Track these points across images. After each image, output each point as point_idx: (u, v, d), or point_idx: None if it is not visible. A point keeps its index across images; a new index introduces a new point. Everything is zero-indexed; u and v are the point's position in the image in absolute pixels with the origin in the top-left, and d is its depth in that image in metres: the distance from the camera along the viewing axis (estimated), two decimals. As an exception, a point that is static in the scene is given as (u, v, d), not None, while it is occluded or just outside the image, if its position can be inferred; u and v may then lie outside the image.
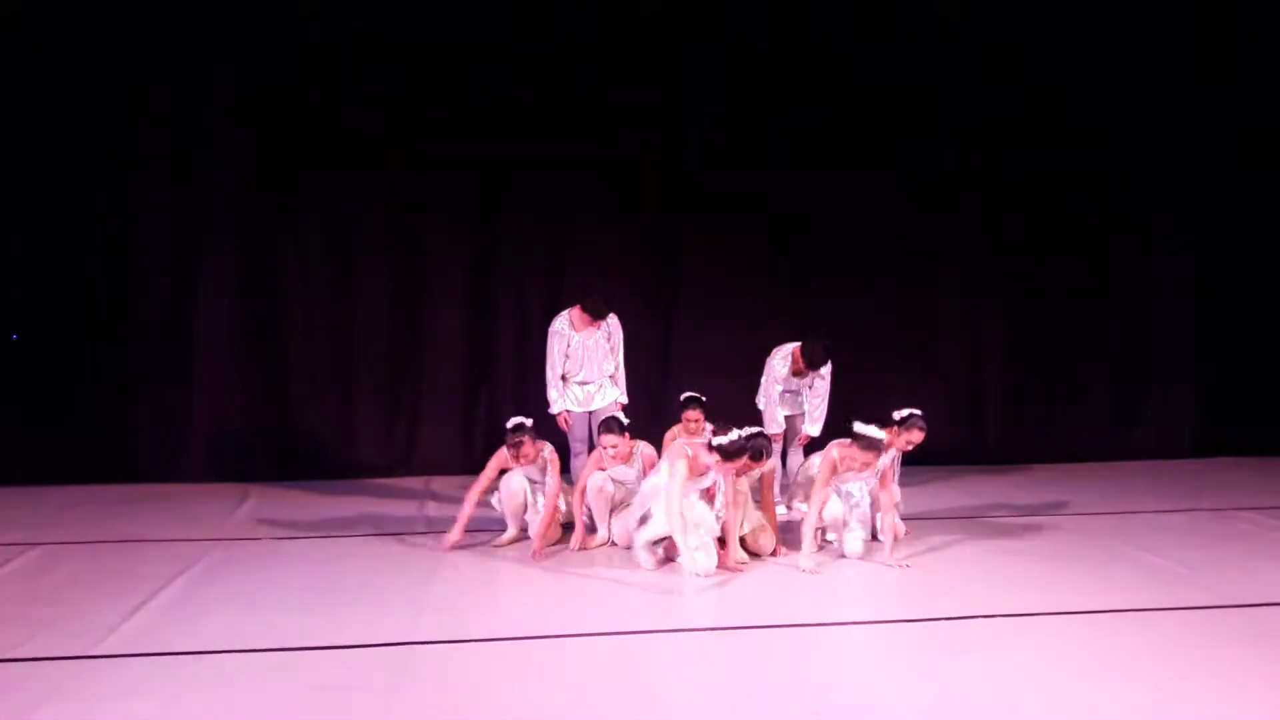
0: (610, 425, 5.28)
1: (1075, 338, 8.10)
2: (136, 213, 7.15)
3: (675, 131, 7.60)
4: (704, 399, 5.83)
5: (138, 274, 7.18)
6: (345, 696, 3.34)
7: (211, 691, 3.39)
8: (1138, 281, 8.17)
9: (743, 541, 5.08)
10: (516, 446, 5.12)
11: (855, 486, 5.23)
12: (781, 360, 6.04)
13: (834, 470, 5.06)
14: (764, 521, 5.21)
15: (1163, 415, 8.27)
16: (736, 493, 4.98)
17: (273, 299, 7.33)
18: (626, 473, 5.33)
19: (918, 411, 5.36)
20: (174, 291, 7.21)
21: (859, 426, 4.99)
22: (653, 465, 5.19)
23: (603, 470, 5.29)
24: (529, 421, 5.22)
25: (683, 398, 5.89)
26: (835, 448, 5.08)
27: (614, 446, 5.21)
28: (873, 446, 4.93)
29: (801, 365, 5.95)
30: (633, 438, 5.37)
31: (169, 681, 3.47)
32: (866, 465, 4.98)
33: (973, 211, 7.94)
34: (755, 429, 4.89)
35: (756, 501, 5.32)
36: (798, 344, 6.00)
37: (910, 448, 5.40)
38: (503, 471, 5.34)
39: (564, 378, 6.02)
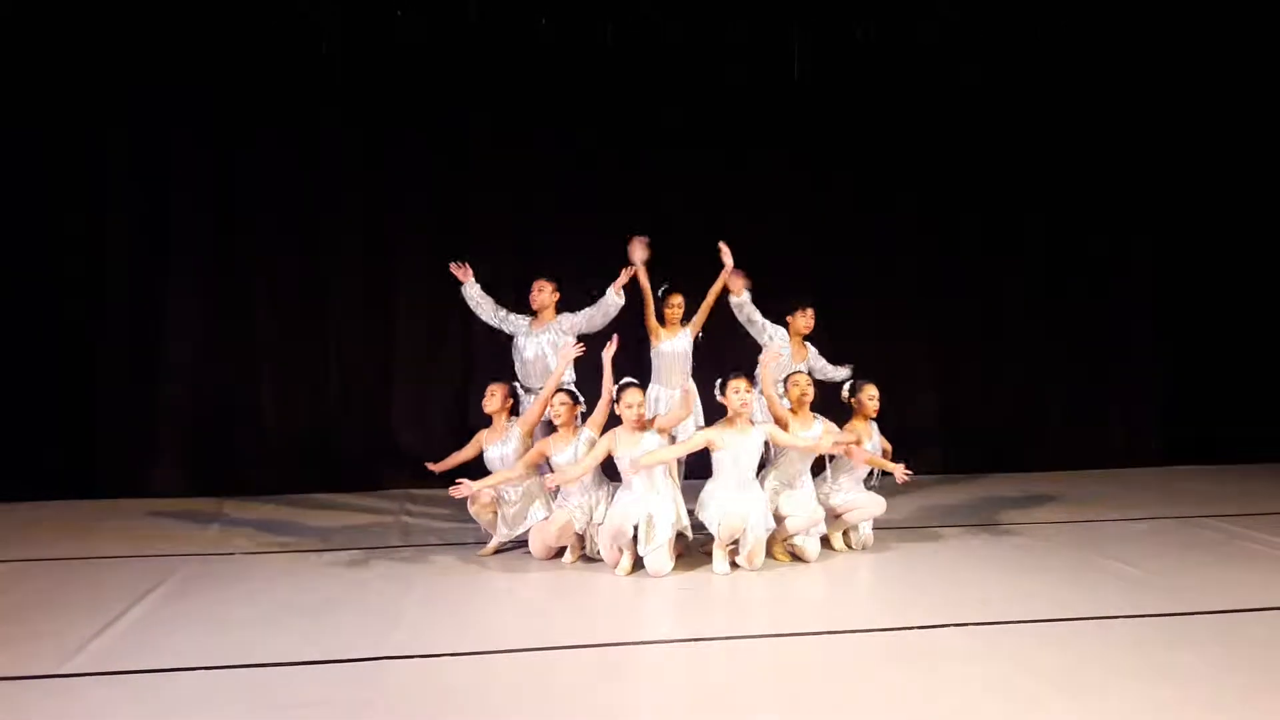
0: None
1: (1042, 344, 8.19)
2: (105, 216, 7.09)
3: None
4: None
5: (105, 282, 7.10)
6: (317, 713, 3.32)
7: (182, 710, 3.36)
8: (1104, 289, 8.28)
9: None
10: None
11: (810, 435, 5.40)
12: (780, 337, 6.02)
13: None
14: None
15: (1130, 422, 8.37)
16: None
17: (243, 307, 7.29)
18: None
19: (850, 376, 5.89)
20: (142, 300, 7.13)
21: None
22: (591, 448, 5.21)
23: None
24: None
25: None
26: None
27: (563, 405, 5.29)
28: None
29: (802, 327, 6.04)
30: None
31: (138, 700, 3.44)
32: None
33: (931, 214, 8.04)
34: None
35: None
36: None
37: (875, 401, 5.57)
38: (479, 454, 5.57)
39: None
